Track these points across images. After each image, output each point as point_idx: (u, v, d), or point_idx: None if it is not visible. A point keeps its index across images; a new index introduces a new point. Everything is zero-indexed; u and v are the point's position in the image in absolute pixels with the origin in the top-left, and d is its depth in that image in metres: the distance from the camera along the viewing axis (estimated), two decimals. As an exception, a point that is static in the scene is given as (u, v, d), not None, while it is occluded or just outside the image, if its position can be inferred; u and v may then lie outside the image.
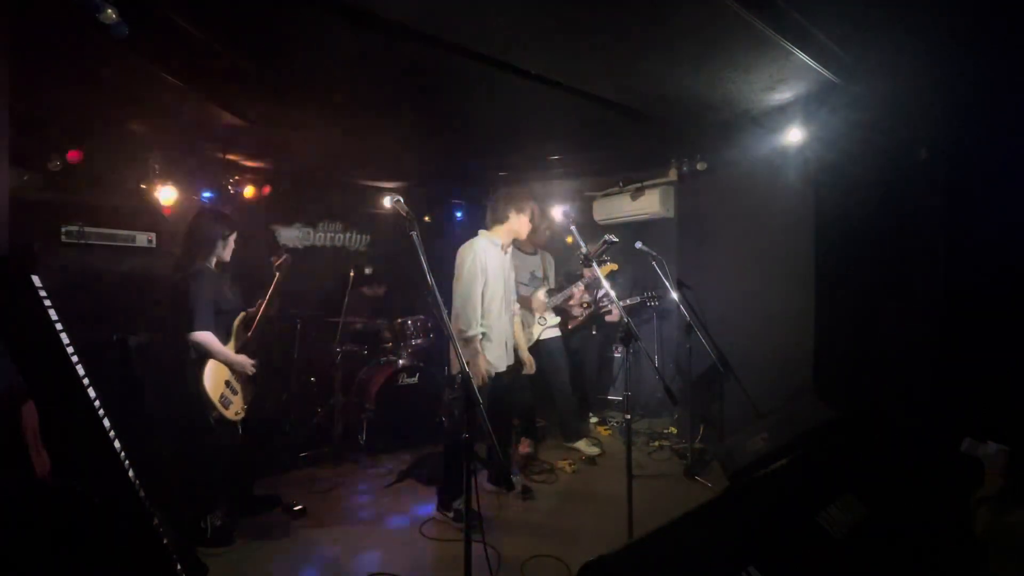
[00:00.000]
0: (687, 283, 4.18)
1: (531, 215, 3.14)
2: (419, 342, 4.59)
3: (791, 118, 3.45)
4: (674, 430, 4.56)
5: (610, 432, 4.75)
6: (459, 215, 6.03)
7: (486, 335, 2.98)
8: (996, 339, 2.65)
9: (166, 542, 1.61)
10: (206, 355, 2.75)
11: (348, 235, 5.43)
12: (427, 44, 2.49)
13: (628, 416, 2.65)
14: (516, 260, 3.35)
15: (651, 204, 4.78)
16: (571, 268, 4.63)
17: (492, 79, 2.88)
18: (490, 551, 2.59)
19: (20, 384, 1.82)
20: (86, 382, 1.49)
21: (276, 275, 3.19)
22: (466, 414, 1.79)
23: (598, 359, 5.17)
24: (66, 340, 1.46)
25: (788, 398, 3.23)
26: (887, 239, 3.19)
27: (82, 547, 1.36)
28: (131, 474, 1.56)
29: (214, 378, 2.76)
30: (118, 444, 1.55)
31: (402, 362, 4.44)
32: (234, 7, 2.28)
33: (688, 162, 4.37)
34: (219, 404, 2.74)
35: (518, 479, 3.50)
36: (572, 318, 4.46)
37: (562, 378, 4.12)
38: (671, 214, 4.82)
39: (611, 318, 5.00)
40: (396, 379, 4.31)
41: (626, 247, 3.49)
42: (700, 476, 3.60)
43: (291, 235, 5.04)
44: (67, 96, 3.03)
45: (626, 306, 4.55)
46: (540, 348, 3.98)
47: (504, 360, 3.10)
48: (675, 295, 3.90)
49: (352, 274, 4.41)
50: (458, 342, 2.85)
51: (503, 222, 3.11)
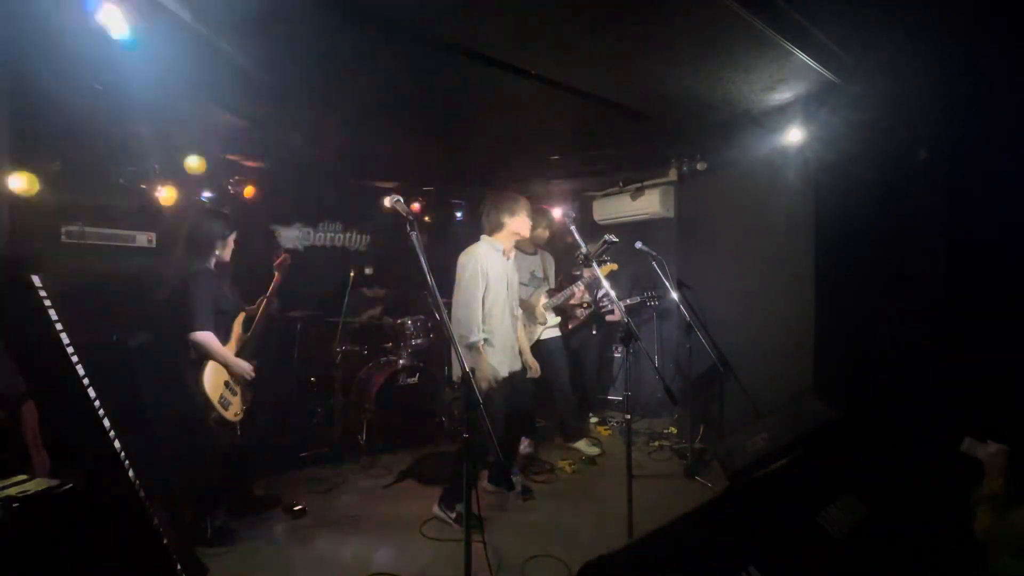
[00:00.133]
0: (687, 283, 4.18)
1: (526, 212, 3.12)
2: (419, 342, 4.59)
3: (791, 118, 3.45)
4: (674, 430, 4.56)
5: (610, 432, 4.75)
6: (459, 215, 6.03)
7: (488, 340, 2.98)
8: (996, 339, 2.64)
9: (166, 542, 1.61)
10: (206, 356, 2.75)
11: (348, 235, 5.43)
12: (427, 44, 2.50)
13: (628, 416, 2.65)
14: (516, 261, 3.34)
15: (651, 204, 4.78)
16: (571, 268, 4.63)
17: (492, 79, 2.88)
18: (490, 551, 2.59)
19: (20, 384, 1.82)
20: (86, 382, 1.49)
21: (276, 275, 3.19)
22: (466, 415, 1.79)
23: (598, 359, 5.16)
24: (66, 340, 1.47)
25: (788, 398, 3.22)
26: (887, 239, 3.19)
27: (82, 547, 1.36)
28: (131, 474, 1.56)
29: (213, 379, 2.76)
30: (118, 444, 1.55)
31: (402, 362, 4.44)
32: (234, 6, 2.28)
33: (688, 162, 4.37)
34: (218, 405, 2.74)
35: (518, 479, 3.50)
36: (572, 318, 4.46)
37: (562, 378, 4.12)
38: (671, 214, 4.82)
39: (612, 318, 5.00)
40: (396, 379, 4.30)
41: (626, 247, 3.49)
42: (700, 476, 3.60)
43: (291, 235, 5.04)
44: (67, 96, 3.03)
45: (626, 306, 4.55)
46: (540, 348, 3.98)
47: (508, 365, 3.09)
48: (675, 295, 3.90)
49: (352, 274, 4.41)
50: (461, 347, 2.86)
51: (501, 228, 3.10)
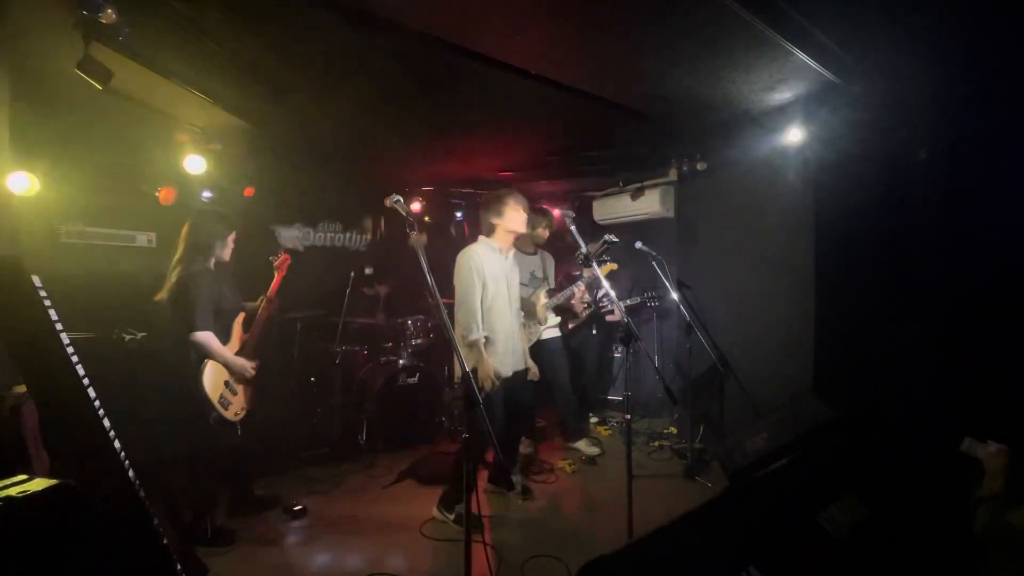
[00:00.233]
0: (687, 283, 4.17)
1: (516, 207, 3.07)
2: (419, 342, 4.59)
3: (791, 118, 3.44)
4: (674, 430, 4.56)
5: (610, 432, 4.75)
6: (459, 215, 6.03)
7: (489, 338, 2.98)
8: (996, 339, 2.65)
9: (166, 542, 1.61)
10: (206, 356, 2.75)
11: (348, 235, 5.43)
12: (427, 43, 2.49)
13: (628, 416, 2.65)
14: (516, 260, 3.33)
15: (651, 204, 4.77)
16: (571, 268, 4.63)
17: (492, 79, 2.87)
18: (490, 551, 2.59)
19: (20, 384, 1.82)
20: (86, 382, 1.49)
21: (276, 275, 3.20)
22: (467, 414, 1.79)
23: (598, 359, 5.16)
24: (66, 340, 1.46)
25: (788, 398, 3.23)
26: (887, 239, 3.19)
27: (82, 547, 1.36)
28: (131, 474, 1.56)
29: (213, 379, 2.76)
30: (118, 444, 1.55)
31: (402, 362, 4.44)
32: (234, 4, 2.29)
33: (688, 162, 4.37)
34: (218, 405, 2.74)
35: (518, 479, 3.50)
36: (572, 318, 4.46)
37: (562, 378, 4.11)
38: (671, 214, 4.81)
39: (612, 318, 5.00)
40: (396, 379, 4.30)
41: (626, 247, 3.48)
42: (700, 476, 3.60)
43: (291, 235, 5.04)
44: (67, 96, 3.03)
45: (626, 306, 4.55)
46: (540, 348, 3.98)
47: (510, 364, 3.08)
48: (675, 295, 3.90)
49: (352, 274, 4.41)
50: (461, 346, 2.86)
51: (493, 230, 3.10)
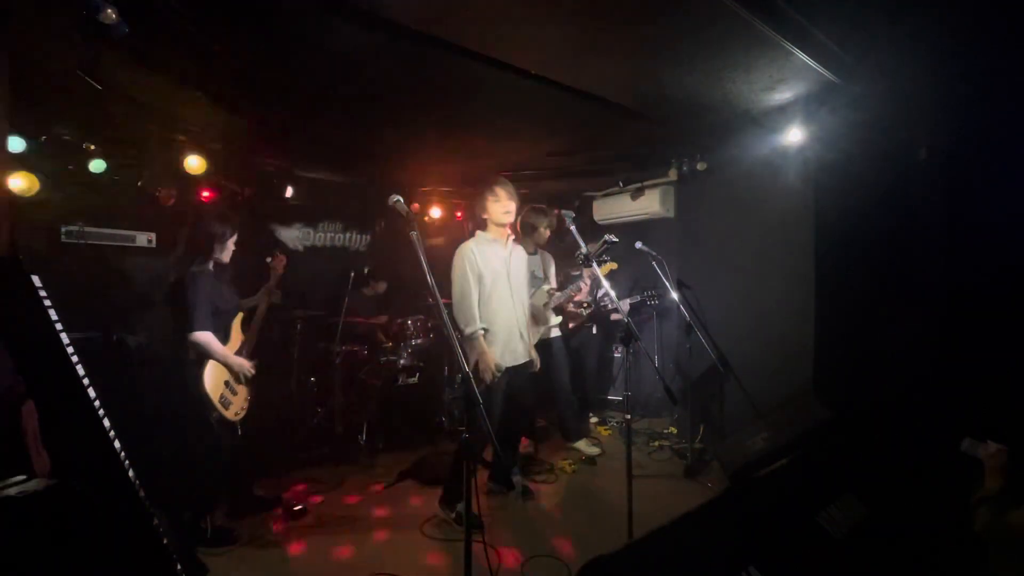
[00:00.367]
0: (687, 283, 4.17)
1: (497, 195, 3.04)
2: (419, 342, 4.59)
3: (791, 118, 3.44)
4: (674, 430, 4.56)
5: (610, 432, 4.75)
6: (459, 214, 6.02)
7: (488, 331, 2.99)
8: (996, 339, 2.64)
9: (166, 542, 1.61)
10: (205, 355, 2.75)
11: (348, 235, 5.42)
12: (427, 44, 2.49)
13: (628, 416, 2.65)
14: (518, 250, 3.33)
15: (651, 204, 4.77)
16: (571, 268, 4.63)
17: (492, 79, 2.87)
18: (490, 551, 2.59)
19: (20, 384, 1.82)
20: (86, 382, 1.49)
21: (274, 274, 3.20)
22: (467, 414, 1.79)
23: (598, 359, 5.16)
24: (66, 340, 1.46)
25: (788, 398, 3.23)
26: (887, 239, 3.18)
27: (82, 547, 1.36)
28: (131, 474, 1.56)
29: (213, 378, 2.76)
30: (118, 444, 1.55)
31: (402, 362, 4.44)
32: (234, 6, 2.29)
33: (688, 162, 4.37)
34: (219, 404, 2.74)
35: (518, 479, 3.50)
36: (573, 318, 4.46)
37: (562, 378, 4.11)
38: (671, 214, 4.81)
39: (616, 316, 5.00)
40: (396, 379, 4.30)
41: (626, 247, 3.48)
42: (700, 476, 3.60)
43: (291, 235, 5.03)
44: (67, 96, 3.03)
45: (627, 305, 4.56)
46: (541, 348, 3.98)
47: (511, 357, 3.06)
48: (675, 295, 3.90)
49: (352, 274, 4.41)
50: (461, 341, 2.87)
51: (485, 224, 3.14)
